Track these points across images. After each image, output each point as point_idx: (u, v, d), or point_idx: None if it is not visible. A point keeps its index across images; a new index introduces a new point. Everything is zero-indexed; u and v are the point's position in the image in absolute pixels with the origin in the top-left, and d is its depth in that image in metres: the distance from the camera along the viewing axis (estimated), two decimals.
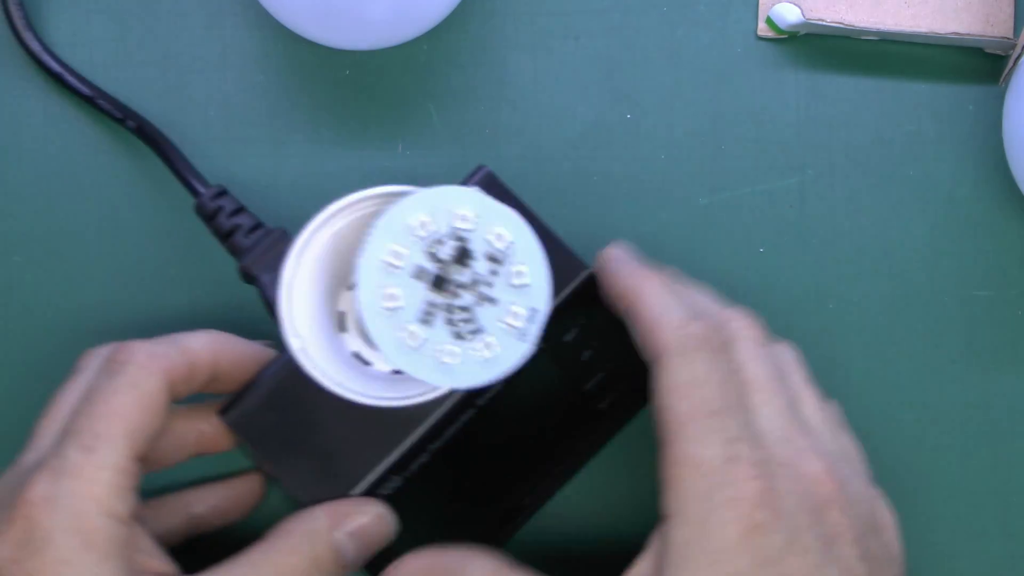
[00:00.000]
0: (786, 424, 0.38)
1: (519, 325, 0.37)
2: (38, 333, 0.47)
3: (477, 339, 0.37)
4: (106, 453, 0.37)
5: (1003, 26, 0.47)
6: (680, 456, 0.37)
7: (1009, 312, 0.47)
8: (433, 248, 0.37)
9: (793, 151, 0.48)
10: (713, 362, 0.38)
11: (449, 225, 0.37)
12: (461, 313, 0.37)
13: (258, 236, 0.43)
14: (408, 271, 0.36)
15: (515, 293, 0.37)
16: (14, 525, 0.36)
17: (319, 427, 0.40)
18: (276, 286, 0.39)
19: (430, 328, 0.36)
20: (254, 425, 0.40)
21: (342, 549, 0.39)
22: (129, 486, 0.38)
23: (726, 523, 0.35)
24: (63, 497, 0.37)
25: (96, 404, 0.38)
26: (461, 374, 0.37)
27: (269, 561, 0.38)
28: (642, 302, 0.40)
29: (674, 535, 0.36)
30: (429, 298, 0.36)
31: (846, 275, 0.48)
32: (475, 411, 0.41)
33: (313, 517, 0.39)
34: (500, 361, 0.37)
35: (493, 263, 0.37)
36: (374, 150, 0.48)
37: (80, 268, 0.47)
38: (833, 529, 0.36)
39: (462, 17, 0.48)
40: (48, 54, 0.47)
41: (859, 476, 0.39)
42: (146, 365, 0.39)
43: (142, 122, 0.46)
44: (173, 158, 0.46)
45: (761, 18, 0.48)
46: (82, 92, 0.47)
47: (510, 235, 0.37)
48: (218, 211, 0.44)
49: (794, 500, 0.36)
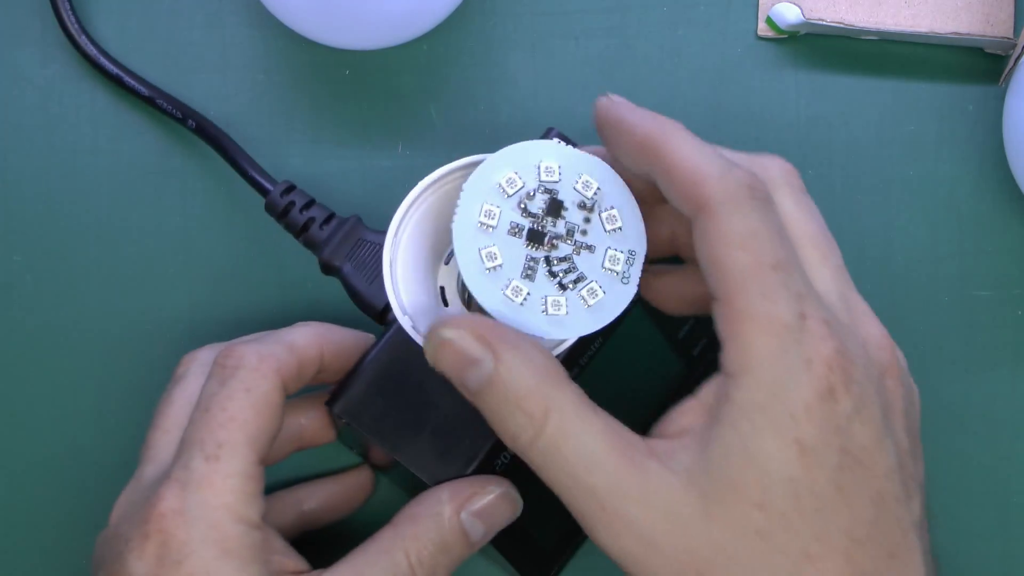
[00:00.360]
0: (843, 284, 0.36)
1: (619, 269, 0.37)
2: (117, 337, 0.48)
3: (581, 287, 0.37)
4: (231, 461, 0.37)
5: (1003, 26, 0.47)
6: (748, 311, 0.34)
7: (1009, 312, 0.48)
8: (524, 203, 0.37)
9: (793, 151, 0.48)
10: (766, 212, 0.35)
11: (537, 178, 0.37)
12: (561, 264, 0.37)
13: (333, 227, 0.44)
14: (503, 229, 0.37)
15: (611, 238, 0.37)
16: (150, 540, 0.37)
17: (428, 406, 0.40)
18: (380, 267, 0.39)
19: (532, 282, 0.36)
20: (365, 412, 0.40)
21: (469, 530, 0.39)
22: (256, 491, 0.38)
23: (801, 386, 0.33)
24: (195, 508, 0.37)
25: (214, 412, 0.38)
26: (571, 324, 0.37)
27: (398, 547, 0.38)
28: (673, 150, 0.36)
29: (740, 396, 0.33)
30: (528, 252, 0.36)
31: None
32: (579, 370, 0.41)
33: (438, 500, 0.39)
34: (608, 306, 0.36)
35: (585, 211, 0.37)
36: (374, 150, 0.48)
37: (149, 272, 0.48)
38: (890, 398, 0.35)
39: (462, 17, 0.48)
40: (105, 57, 0.47)
41: (887, 343, 0.37)
42: (258, 368, 0.39)
43: (202, 121, 0.46)
44: (237, 156, 0.46)
45: (761, 18, 0.48)
46: (141, 93, 0.47)
47: (596, 182, 0.37)
48: (290, 206, 0.44)
49: (862, 364, 0.34)
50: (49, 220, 0.48)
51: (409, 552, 0.38)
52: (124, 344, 0.47)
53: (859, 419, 0.34)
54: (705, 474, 0.34)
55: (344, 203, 0.46)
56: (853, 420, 0.34)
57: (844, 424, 0.33)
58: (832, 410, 0.33)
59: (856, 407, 0.34)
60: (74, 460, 0.47)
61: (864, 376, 0.34)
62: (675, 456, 0.34)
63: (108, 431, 0.47)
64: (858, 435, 0.34)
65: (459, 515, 0.39)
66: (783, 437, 0.33)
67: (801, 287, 0.34)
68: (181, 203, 0.48)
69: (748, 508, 0.33)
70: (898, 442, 0.35)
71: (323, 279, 0.44)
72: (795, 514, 0.33)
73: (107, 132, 0.48)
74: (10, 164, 0.48)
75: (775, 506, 0.33)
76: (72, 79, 0.48)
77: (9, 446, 0.47)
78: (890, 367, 0.35)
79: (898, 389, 0.35)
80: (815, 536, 0.33)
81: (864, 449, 0.34)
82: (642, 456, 0.34)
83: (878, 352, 0.35)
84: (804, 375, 0.33)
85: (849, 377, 0.34)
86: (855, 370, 0.34)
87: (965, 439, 0.47)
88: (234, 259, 0.48)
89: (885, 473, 0.34)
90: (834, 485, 0.33)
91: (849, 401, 0.33)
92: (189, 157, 0.48)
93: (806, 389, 0.33)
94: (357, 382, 0.40)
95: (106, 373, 0.47)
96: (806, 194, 0.37)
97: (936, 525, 0.47)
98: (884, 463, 0.34)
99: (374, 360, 0.40)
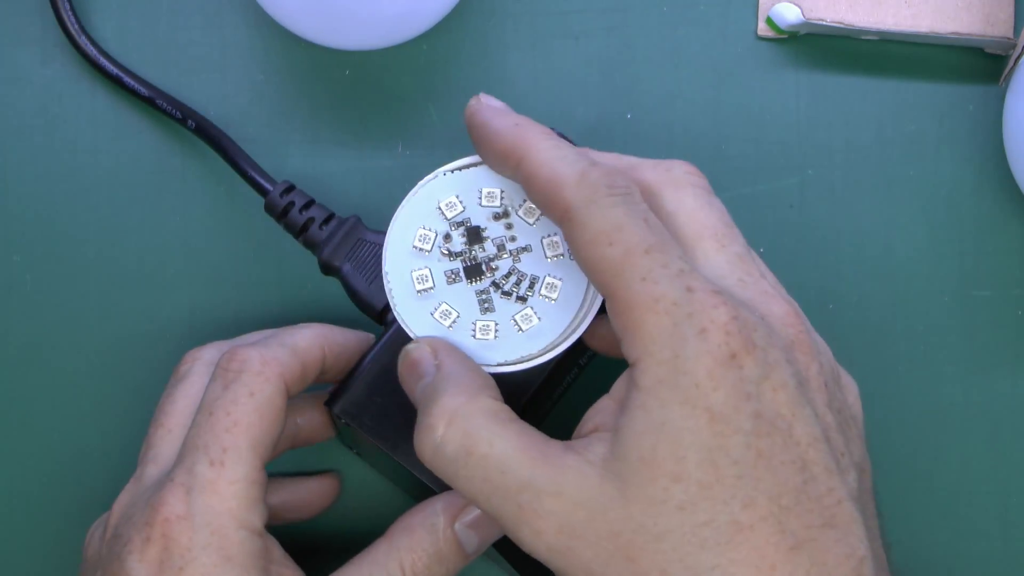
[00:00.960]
0: (744, 268, 0.36)
1: (561, 251, 0.37)
2: (116, 337, 0.48)
3: (538, 288, 0.36)
4: (235, 466, 0.38)
5: (1003, 26, 0.47)
6: (631, 299, 0.33)
7: (1009, 312, 0.47)
8: (446, 248, 0.37)
9: (793, 151, 0.48)
10: (628, 205, 0.34)
11: (443, 220, 0.37)
12: (509, 279, 0.37)
13: (332, 227, 0.44)
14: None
15: (539, 227, 0.37)
16: (152, 544, 0.37)
17: None
18: (380, 267, 0.39)
19: (494, 313, 0.36)
20: (364, 413, 0.40)
21: (463, 542, 0.39)
22: (260, 496, 0.38)
23: (700, 355, 0.33)
24: (199, 514, 0.37)
25: (218, 416, 0.38)
26: (501, 348, 0.37)
27: (392, 559, 0.38)
28: (533, 156, 0.36)
29: (643, 379, 0.33)
30: (475, 288, 0.36)
31: (846, 275, 0.48)
32: (578, 371, 0.41)
33: (433, 511, 0.39)
34: (570, 295, 0.37)
35: (502, 219, 0.37)
36: (374, 150, 0.48)
37: (149, 272, 0.48)
38: (804, 369, 0.34)
39: (462, 17, 0.48)
40: (105, 57, 0.47)
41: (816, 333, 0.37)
42: (262, 371, 0.39)
43: (202, 121, 0.47)
44: (236, 156, 0.46)
45: (761, 18, 0.48)
46: (141, 93, 0.47)
47: (496, 188, 0.37)
48: (290, 207, 0.44)
49: (764, 332, 0.34)
50: (49, 220, 0.48)
51: (404, 563, 0.38)
52: (124, 344, 0.47)
53: (769, 384, 0.33)
54: (619, 458, 0.33)
55: (344, 203, 0.46)
56: (763, 385, 0.33)
57: (753, 389, 0.33)
58: (738, 376, 0.33)
59: (763, 372, 0.33)
60: (74, 460, 0.47)
61: (766, 342, 0.33)
62: (590, 448, 0.34)
63: (108, 431, 0.47)
64: (770, 400, 0.33)
65: (453, 526, 0.39)
66: (691, 406, 0.32)
67: (682, 265, 0.34)
68: (181, 203, 0.48)
69: (666, 482, 0.32)
70: (820, 415, 0.34)
71: (323, 279, 0.44)
72: (716, 483, 0.32)
73: (107, 132, 0.48)
74: (10, 164, 0.48)
75: (692, 476, 0.32)
76: (72, 79, 0.48)
77: (9, 446, 0.47)
78: (799, 342, 0.35)
79: (812, 364, 0.35)
80: (742, 504, 0.32)
81: (780, 416, 0.33)
82: (557, 453, 0.34)
83: (783, 327, 0.35)
84: (702, 344, 0.33)
85: (750, 341, 0.33)
86: (756, 335, 0.33)
87: (965, 439, 0.47)
88: (234, 259, 0.48)
89: (808, 441, 0.33)
90: (753, 451, 0.33)
91: (754, 365, 0.33)
92: (189, 157, 0.48)
93: (706, 357, 0.33)
94: (357, 383, 0.40)
95: (106, 373, 0.47)
96: (709, 192, 0.37)
97: (936, 525, 0.47)
98: (805, 431, 0.33)
99: (374, 361, 0.40)
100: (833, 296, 0.47)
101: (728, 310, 0.33)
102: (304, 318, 0.44)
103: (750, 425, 0.33)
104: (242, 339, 0.43)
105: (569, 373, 0.42)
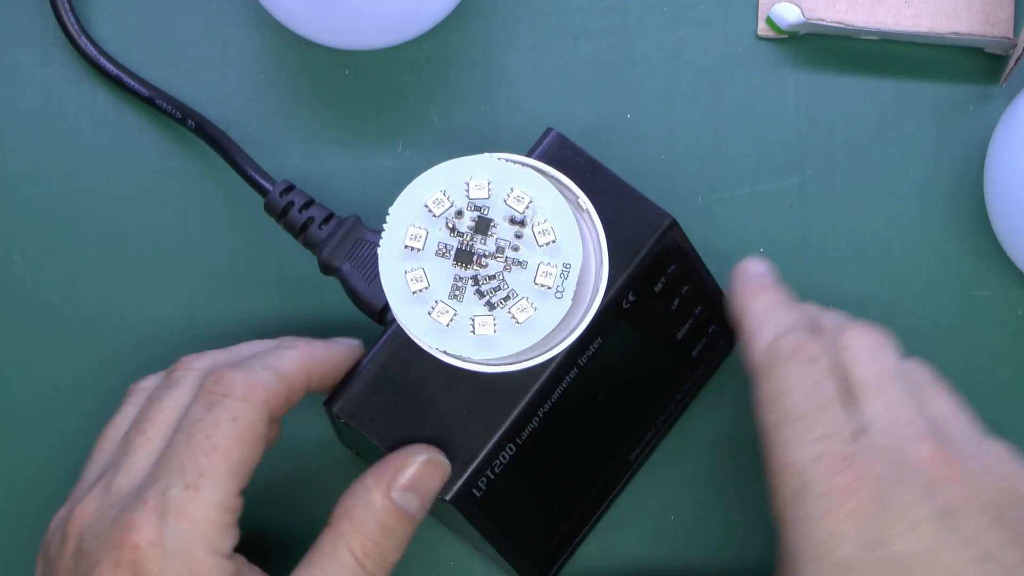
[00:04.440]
0: (896, 412, 0.38)
1: (552, 283, 0.36)
2: (116, 337, 0.47)
3: (510, 304, 0.36)
4: (211, 492, 0.37)
5: (1003, 26, 0.47)
6: (773, 465, 0.38)
7: (1009, 312, 0.47)
8: (453, 222, 0.36)
9: (793, 151, 0.48)
10: (801, 371, 0.38)
11: (465, 196, 0.37)
12: (490, 282, 0.36)
13: (332, 227, 0.44)
14: (431, 250, 0.36)
15: (544, 252, 0.37)
16: (122, 569, 0.36)
17: (426, 406, 0.40)
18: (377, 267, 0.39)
19: (459, 303, 0.36)
20: (363, 412, 0.40)
21: (405, 506, 0.39)
22: (232, 521, 0.38)
23: (819, 518, 0.36)
24: (170, 541, 0.37)
25: (198, 439, 0.38)
26: (500, 343, 0.36)
27: (341, 547, 0.38)
28: (744, 319, 0.41)
29: (784, 542, 0.37)
30: (456, 272, 0.36)
31: (846, 275, 0.48)
32: (578, 371, 0.41)
33: (365, 488, 0.39)
34: (538, 323, 0.36)
35: (517, 226, 0.36)
36: (374, 150, 0.48)
37: (149, 271, 0.48)
38: (950, 502, 0.36)
39: (462, 17, 0.48)
40: (105, 57, 0.47)
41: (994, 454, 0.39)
42: (246, 397, 0.38)
43: (202, 121, 0.46)
44: (236, 156, 0.46)
45: (761, 18, 0.48)
46: (141, 93, 0.47)
47: (529, 194, 0.37)
48: (289, 206, 0.44)
49: (895, 480, 0.36)
50: (49, 220, 0.48)
51: (353, 548, 0.38)
52: (124, 344, 0.47)
53: (900, 528, 0.36)
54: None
55: (344, 203, 0.46)
56: (892, 531, 0.36)
57: (883, 535, 0.36)
58: (861, 528, 0.36)
59: (893, 519, 0.36)
60: (74, 460, 0.47)
61: (900, 489, 0.36)
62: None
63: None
64: (905, 543, 0.36)
65: (390, 495, 0.39)
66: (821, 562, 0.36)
67: (823, 430, 0.37)
68: (180, 202, 0.48)
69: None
70: (974, 540, 0.36)
71: (322, 279, 0.44)
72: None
73: (107, 132, 0.48)
74: (10, 164, 0.48)
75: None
76: (72, 79, 0.48)
77: (9, 446, 0.47)
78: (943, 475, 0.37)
79: (963, 492, 0.37)
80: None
81: (921, 551, 0.36)
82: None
83: (925, 465, 0.37)
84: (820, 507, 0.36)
85: (874, 497, 0.36)
86: (882, 488, 0.36)
87: None
88: (233, 258, 0.48)
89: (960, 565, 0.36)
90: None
91: (881, 516, 0.36)
92: (188, 157, 0.48)
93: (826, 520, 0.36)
94: (356, 382, 0.40)
95: (106, 373, 0.47)
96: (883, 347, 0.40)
97: None
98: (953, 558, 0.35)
99: (373, 360, 0.40)
100: (833, 296, 0.47)
101: (850, 474, 0.36)
102: (304, 318, 0.44)
103: (881, 570, 0.35)
104: (238, 349, 0.42)
105: (557, 387, 0.42)
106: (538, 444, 0.41)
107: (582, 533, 0.45)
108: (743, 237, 0.47)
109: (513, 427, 0.40)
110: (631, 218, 0.40)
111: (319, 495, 0.45)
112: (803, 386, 0.38)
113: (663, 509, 0.47)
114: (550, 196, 0.37)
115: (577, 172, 0.40)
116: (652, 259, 0.41)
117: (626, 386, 0.44)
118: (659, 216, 0.41)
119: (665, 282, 0.42)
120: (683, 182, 0.48)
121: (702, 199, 0.48)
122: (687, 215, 0.47)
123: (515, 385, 0.40)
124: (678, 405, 0.45)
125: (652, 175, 0.48)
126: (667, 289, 0.42)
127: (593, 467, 0.44)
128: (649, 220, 0.41)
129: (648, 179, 0.47)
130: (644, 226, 0.41)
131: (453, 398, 0.40)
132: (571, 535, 0.44)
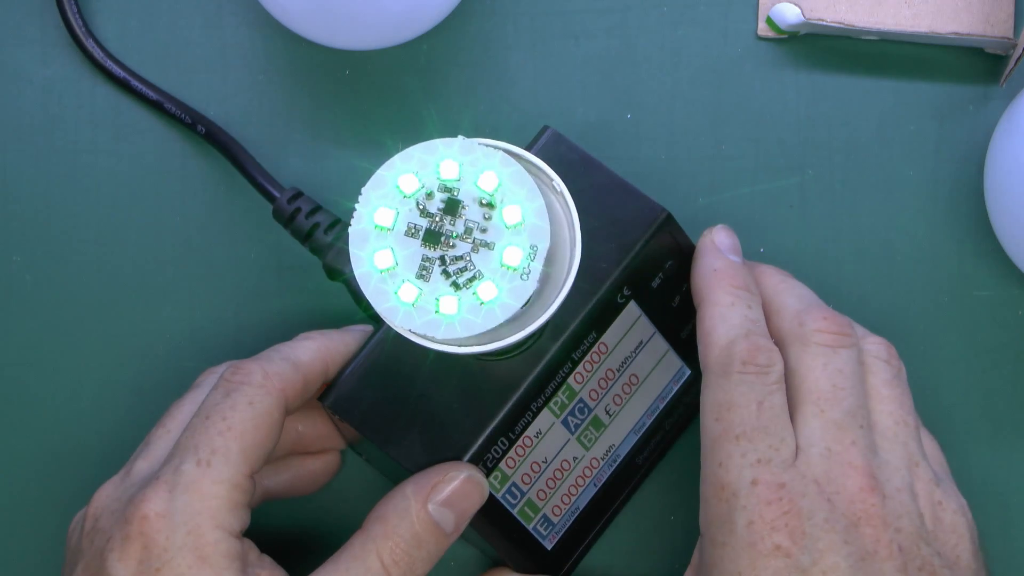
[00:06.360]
0: (833, 437, 0.38)
1: (517, 265, 0.36)
2: (117, 339, 0.48)
3: (476, 285, 0.36)
4: (222, 468, 0.38)
5: (1003, 26, 0.47)
6: (707, 477, 0.38)
7: (1009, 312, 0.47)
8: (423, 203, 0.36)
9: (793, 151, 0.48)
10: (748, 386, 0.38)
11: (436, 178, 0.37)
12: (457, 263, 0.36)
13: (337, 231, 0.44)
14: (400, 231, 0.36)
15: (512, 233, 0.36)
16: (132, 543, 0.37)
17: (419, 401, 0.40)
18: None
19: (426, 282, 0.36)
20: (355, 407, 0.40)
21: (440, 521, 0.39)
22: (243, 502, 0.38)
23: (745, 547, 0.37)
24: (179, 513, 0.37)
25: (214, 419, 0.38)
26: (465, 323, 0.36)
27: (370, 551, 0.38)
28: (703, 309, 0.40)
29: (704, 555, 0.38)
30: (423, 252, 0.36)
31: (846, 275, 0.48)
32: (572, 366, 0.41)
33: (403, 496, 0.39)
34: (503, 304, 0.36)
35: (486, 208, 0.36)
36: (374, 150, 0.48)
37: (151, 274, 0.48)
38: (869, 545, 0.37)
39: (462, 17, 0.48)
40: (112, 60, 0.47)
41: (925, 482, 0.39)
42: (263, 384, 0.39)
43: (211, 126, 0.46)
44: (245, 162, 0.46)
45: (761, 18, 0.48)
46: (149, 97, 0.47)
47: (498, 177, 0.37)
48: (296, 213, 0.44)
49: (821, 519, 0.37)
50: (49, 220, 0.48)
51: (382, 553, 0.38)
52: (125, 346, 0.47)
53: (818, 569, 0.36)
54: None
55: (343, 203, 0.46)
56: (811, 571, 0.36)
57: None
58: (783, 565, 0.36)
59: (813, 559, 0.36)
60: (74, 460, 0.47)
61: (823, 530, 0.37)
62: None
63: (108, 431, 0.47)
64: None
65: (427, 507, 0.39)
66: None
67: (761, 453, 0.37)
68: (181, 204, 0.48)
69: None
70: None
71: (329, 284, 0.44)
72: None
73: (107, 132, 0.48)
74: (10, 164, 0.48)
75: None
76: (72, 79, 0.48)
77: (9, 446, 0.47)
78: (868, 515, 0.37)
79: (882, 534, 0.37)
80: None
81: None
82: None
83: (851, 504, 0.37)
84: (748, 535, 0.37)
85: (798, 531, 0.36)
86: (808, 524, 0.37)
87: (965, 439, 0.47)
88: (236, 261, 0.48)
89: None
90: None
91: (802, 553, 0.36)
92: (189, 158, 0.48)
93: (749, 550, 0.37)
94: (347, 377, 0.40)
95: (106, 374, 0.47)
96: (834, 349, 0.40)
97: None
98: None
99: (366, 356, 0.40)
100: (833, 296, 0.47)
101: (779, 507, 0.37)
102: (309, 323, 0.44)
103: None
104: (256, 357, 0.42)
105: (551, 382, 0.41)
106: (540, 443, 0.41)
107: (588, 538, 0.45)
108: (743, 237, 0.47)
109: (506, 421, 0.40)
110: (626, 212, 0.40)
111: (334, 506, 0.47)
112: (750, 401, 0.38)
113: (663, 509, 0.47)
114: (520, 178, 0.37)
115: (572, 168, 0.40)
116: (647, 253, 0.41)
117: (627, 386, 0.43)
118: (654, 209, 0.41)
119: (663, 278, 0.42)
120: (683, 182, 0.48)
121: (702, 199, 0.48)
122: (687, 215, 0.47)
123: (508, 379, 0.40)
124: (687, 409, 0.45)
125: (652, 175, 0.48)
126: (665, 285, 0.42)
127: (600, 471, 0.44)
128: (644, 213, 0.41)
129: (648, 179, 0.48)
130: (639, 219, 0.41)
131: (445, 392, 0.40)
132: (573, 535, 0.44)
